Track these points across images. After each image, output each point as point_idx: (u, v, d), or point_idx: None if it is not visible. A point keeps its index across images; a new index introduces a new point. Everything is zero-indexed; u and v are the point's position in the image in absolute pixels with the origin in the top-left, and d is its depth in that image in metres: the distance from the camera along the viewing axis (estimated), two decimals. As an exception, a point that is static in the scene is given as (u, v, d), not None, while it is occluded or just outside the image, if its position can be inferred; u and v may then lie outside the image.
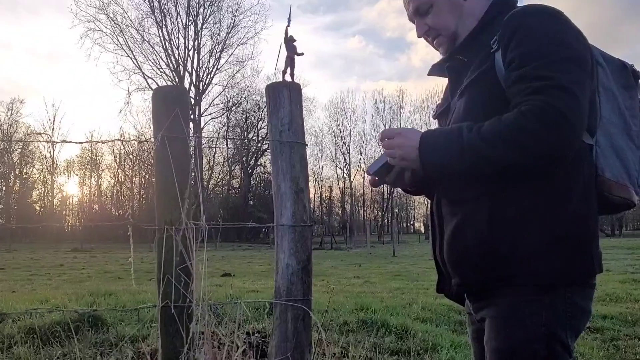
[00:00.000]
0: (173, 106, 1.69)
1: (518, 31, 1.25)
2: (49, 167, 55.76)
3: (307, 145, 1.82)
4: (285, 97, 1.76)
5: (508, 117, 1.19)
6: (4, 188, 53.77)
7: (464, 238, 1.32)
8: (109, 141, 1.79)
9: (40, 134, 50.80)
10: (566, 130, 1.14)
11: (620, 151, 1.29)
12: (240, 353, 1.84)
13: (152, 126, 1.77)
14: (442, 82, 3.24)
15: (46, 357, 3.15)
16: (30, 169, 55.51)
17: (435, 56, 1.60)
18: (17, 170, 53.91)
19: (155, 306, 1.67)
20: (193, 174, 1.75)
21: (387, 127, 55.87)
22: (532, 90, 1.18)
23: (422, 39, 1.54)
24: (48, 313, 4.12)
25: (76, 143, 1.75)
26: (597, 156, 1.27)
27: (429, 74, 1.62)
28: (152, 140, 1.73)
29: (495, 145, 1.19)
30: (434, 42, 1.53)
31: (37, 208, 56.12)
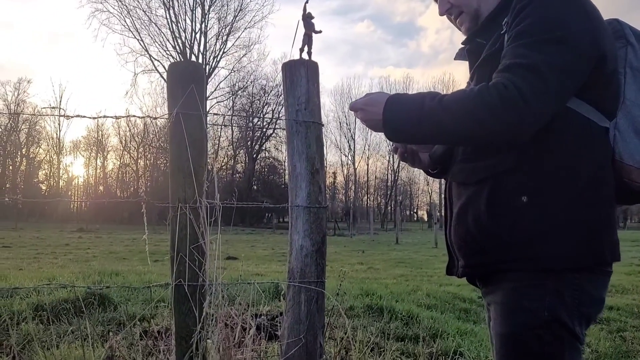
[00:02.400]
0: (189, 82, 1.67)
1: (524, 10, 1.21)
2: (55, 148, 55.93)
3: (323, 125, 1.79)
4: (302, 75, 1.73)
5: (472, 90, 1.18)
6: (10, 167, 54.00)
7: (466, 220, 1.31)
8: (122, 117, 1.76)
9: (51, 108, 50.86)
10: (523, 111, 1.11)
11: None
12: (252, 334, 1.83)
13: (157, 108, 1.75)
14: (449, 70, 3.19)
15: (55, 333, 3.16)
16: (37, 149, 55.71)
17: (444, 42, 1.56)
18: (23, 150, 54.08)
19: (167, 285, 1.66)
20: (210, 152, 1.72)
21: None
22: (504, 67, 1.17)
23: (444, 16, 1.50)
24: (56, 290, 4.14)
25: (88, 117, 1.72)
26: (616, 140, 1.23)
27: (455, 59, 1.58)
28: (167, 117, 1.71)
29: (454, 115, 1.18)
30: (457, 21, 1.49)
31: (44, 188, 56.36)
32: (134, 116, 1.83)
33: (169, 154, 1.71)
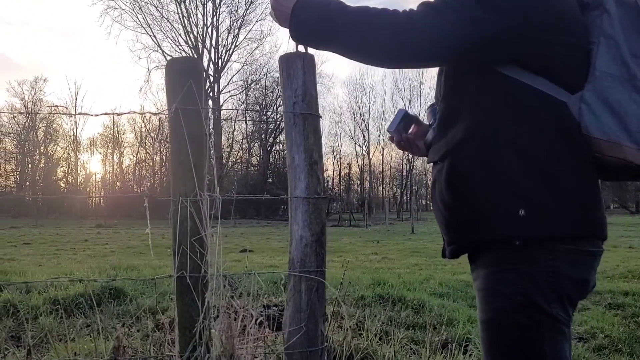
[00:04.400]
0: (187, 78, 1.69)
1: None
2: (72, 145, 56.70)
3: (320, 117, 1.80)
4: (299, 67, 1.75)
5: (381, 7, 1.25)
6: (29, 165, 54.89)
7: (435, 200, 1.35)
8: (125, 113, 1.80)
9: (64, 107, 51.51)
10: (409, 41, 1.20)
11: (617, 106, 1.18)
12: (255, 324, 1.86)
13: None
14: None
15: (70, 327, 3.24)
16: (55, 147, 56.54)
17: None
18: (41, 148, 54.92)
19: (172, 276, 1.70)
20: (211, 147, 1.75)
21: (407, 104, 55.39)
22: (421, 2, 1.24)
23: None
24: (72, 285, 4.23)
25: (93, 115, 1.77)
26: (582, 113, 1.19)
27: None
28: (167, 113, 1.74)
29: (353, 22, 1.26)
30: None
31: (62, 185, 57.23)
32: (135, 112, 1.87)
33: (170, 149, 1.74)
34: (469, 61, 1.27)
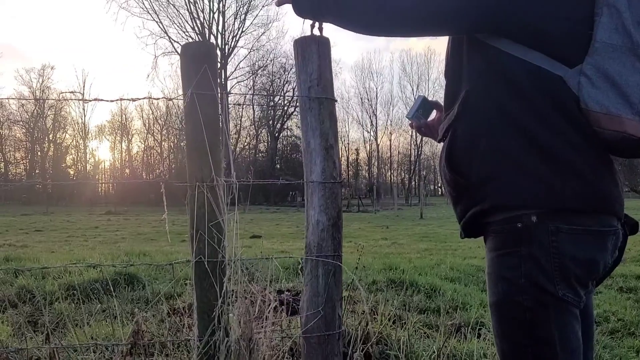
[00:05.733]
0: (201, 63, 1.68)
1: None
2: (81, 133, 57.00)
3: (336, 100, 1.79)
4: (314, 51, 1.73)
5: None
6: (39, 153, 55.27)
7: (441, 178, 1.36)
8: (140, 99, 1.80)
9: (76, 92, 51.66)
10: (389, 16, 1.25)
11: (618, 77, 1.14)
12: (272, 308, 1.87)
13: (179, 90, 1.77)
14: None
15: (86, 312, 3.28)
16: (64, 135, 56.86)
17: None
18: (50, 136, 55.24)
19: (189, 261, 1.71)
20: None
21: (415, 88, 55.06)
22: None
23: None
24: (86, 271, 4.27)
25: (108, 101, 1.76)
26: (581, 87, 1.16)
27: None
28: (182, 98, 1.73)
29: None
30: None
31: (71, 172, 57.66)
32: (150, 98, 1.87)
33: (185, 134, 1.74)
34: (457, 33, 1.30)
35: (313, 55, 1.73)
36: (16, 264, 5.33)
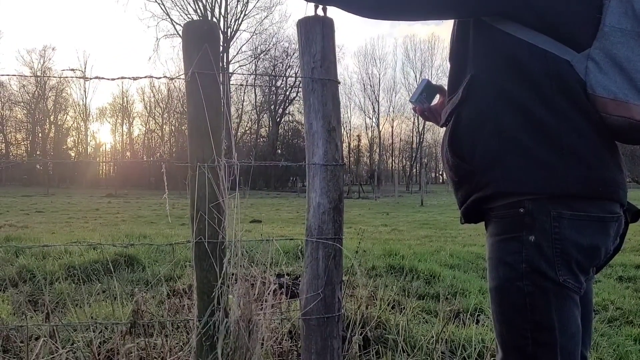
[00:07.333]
0: (203, 41, 1.66)
1: None
2: (82, 114, 56.86)
3: (339, 82, 1.77)
4: (318, 32, 1.71)
5: None
6: (40, 135, 55.19)
7: (443, 163, 1.36)
8: (141, 77, 1.78)
9: (78, 69, 51.44)
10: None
11: (626, 62, 1.12)
12: (271, 290, 1.87)
13: (181, 73, 1.75)
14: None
15: (86, 292, 3.29)
16: (65, 116, 56.72)
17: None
18: (51, 117, 55.10)
19: (189, 242, 1.70)
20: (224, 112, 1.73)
21: (418, 74, 54.77)
22: None
23: None
24: (87, 252, 4.28)
25: (110, 79, 1.75)
26: (588, 72, 1.15)
27: None
28: (183, 78, 1.71)
29: None
30: None
31: (72, 154, 57.63)
32: (152, 77, 1.85)
33: (187, 114, 1.72)
34: (464, 16, 1.28)
35: (317, 36, 1.71)
36: (17, 244, 5.34)
